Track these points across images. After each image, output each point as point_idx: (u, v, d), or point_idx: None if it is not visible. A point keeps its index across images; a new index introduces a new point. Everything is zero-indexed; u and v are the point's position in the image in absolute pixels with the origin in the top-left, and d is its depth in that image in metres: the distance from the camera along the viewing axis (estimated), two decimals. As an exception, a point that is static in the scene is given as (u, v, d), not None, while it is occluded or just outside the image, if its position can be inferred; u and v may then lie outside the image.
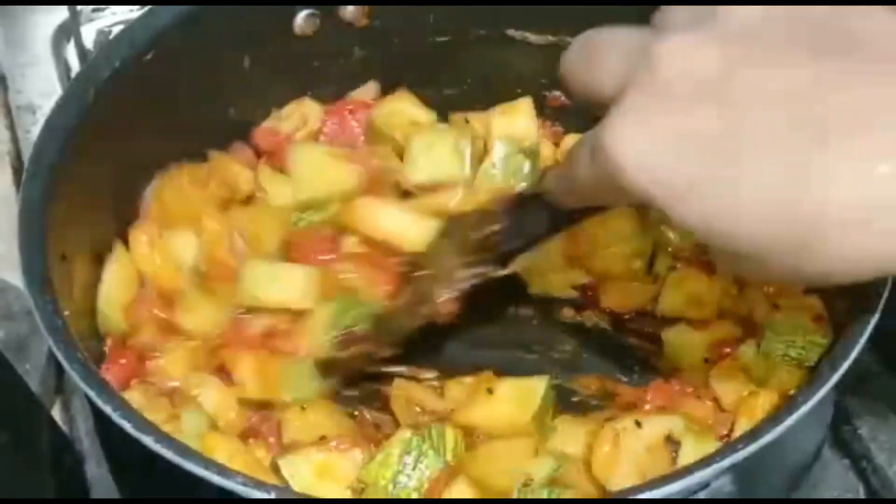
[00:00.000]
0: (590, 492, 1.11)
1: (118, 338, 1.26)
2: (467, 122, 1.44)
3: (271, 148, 1.42)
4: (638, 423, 1.12)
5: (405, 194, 1.37)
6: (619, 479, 1.10)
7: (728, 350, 1.23)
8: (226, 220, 1.32)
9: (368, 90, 1.48)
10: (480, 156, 1.39)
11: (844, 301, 1.09)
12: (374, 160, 1.36)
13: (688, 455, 1.11)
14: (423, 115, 1.43)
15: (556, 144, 1.46)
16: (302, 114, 1.44)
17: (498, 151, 1.38)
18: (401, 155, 1.39)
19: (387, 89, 1.47)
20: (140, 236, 1.29)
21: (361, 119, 1.45)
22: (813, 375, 1.02)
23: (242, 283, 1.26)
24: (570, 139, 1.45)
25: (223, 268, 1.28)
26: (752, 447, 0.92)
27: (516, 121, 1.42)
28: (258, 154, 1.43)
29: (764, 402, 1.15)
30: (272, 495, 0.91)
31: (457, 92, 1.49)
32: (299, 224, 1.34)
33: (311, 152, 1.38)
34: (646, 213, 1.34)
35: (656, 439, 1.12)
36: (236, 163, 1.39)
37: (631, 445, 1.11)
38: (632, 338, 1.35)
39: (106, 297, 1.25)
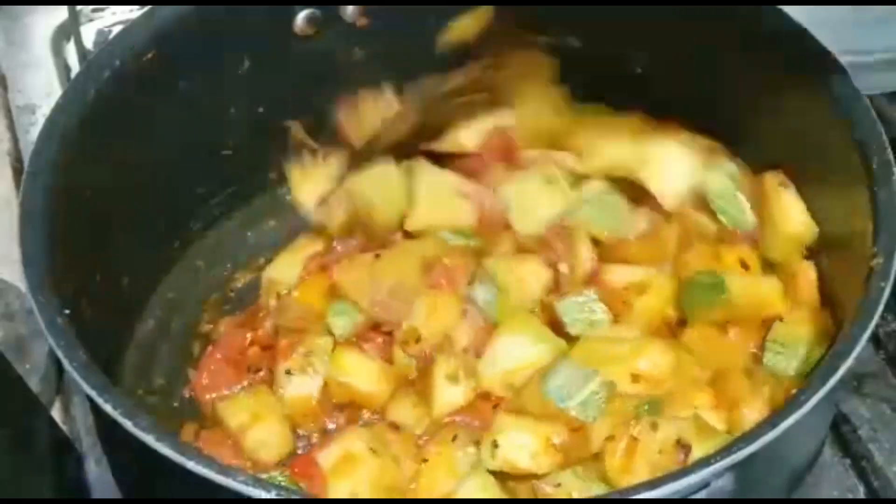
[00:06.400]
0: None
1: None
2: None
3: None
4: (654, 426, 1.12)
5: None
6: (633, 480, 1.09)
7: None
8: None
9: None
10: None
11: (846, 302, 1.09)
12: (488, 200, 1.34)
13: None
14: None
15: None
16: (386, 100, 1.43)
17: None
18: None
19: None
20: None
21: None
22: (813, 375, 1.02)
23: None
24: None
25: None
26: (753, 447, 0.92)
27: None
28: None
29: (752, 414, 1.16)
30: (272, 494, 0.91)
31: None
32: (449, 242, 1.33)
33: (438, 178, 1.36)
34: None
35: (669, 442, 1.12)
36: None
37: (647, 448, 1.11)
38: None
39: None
